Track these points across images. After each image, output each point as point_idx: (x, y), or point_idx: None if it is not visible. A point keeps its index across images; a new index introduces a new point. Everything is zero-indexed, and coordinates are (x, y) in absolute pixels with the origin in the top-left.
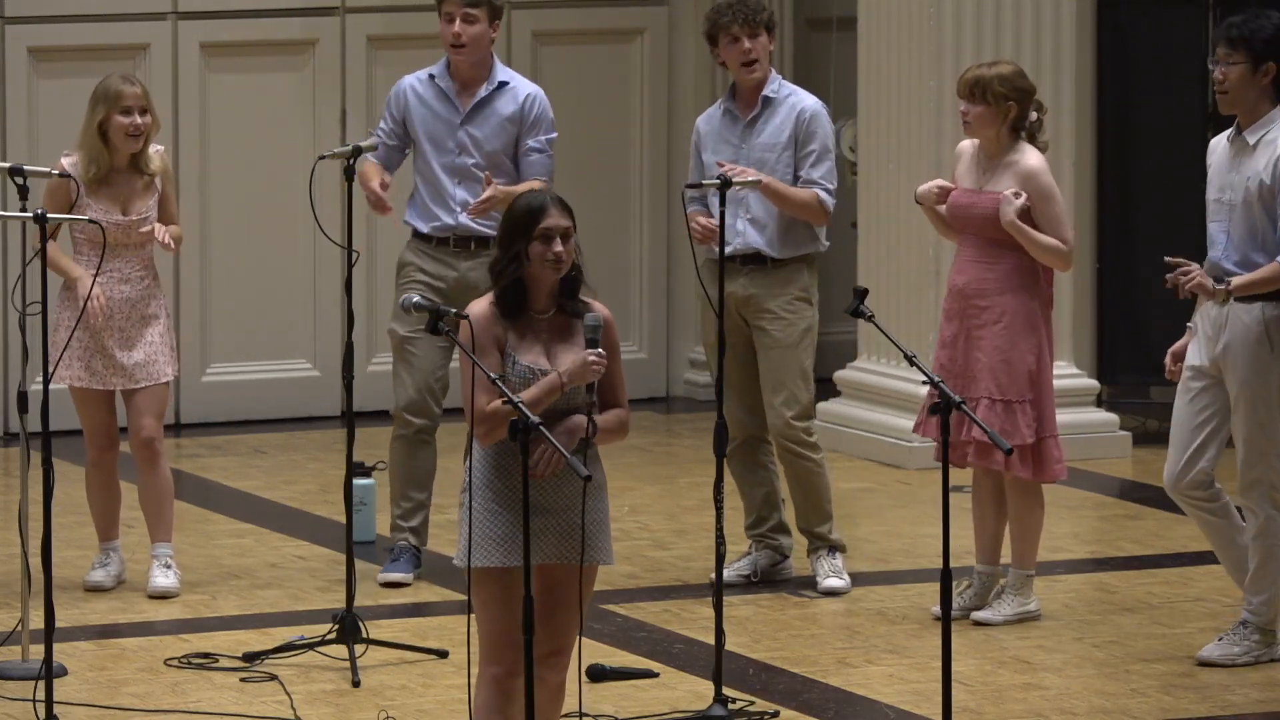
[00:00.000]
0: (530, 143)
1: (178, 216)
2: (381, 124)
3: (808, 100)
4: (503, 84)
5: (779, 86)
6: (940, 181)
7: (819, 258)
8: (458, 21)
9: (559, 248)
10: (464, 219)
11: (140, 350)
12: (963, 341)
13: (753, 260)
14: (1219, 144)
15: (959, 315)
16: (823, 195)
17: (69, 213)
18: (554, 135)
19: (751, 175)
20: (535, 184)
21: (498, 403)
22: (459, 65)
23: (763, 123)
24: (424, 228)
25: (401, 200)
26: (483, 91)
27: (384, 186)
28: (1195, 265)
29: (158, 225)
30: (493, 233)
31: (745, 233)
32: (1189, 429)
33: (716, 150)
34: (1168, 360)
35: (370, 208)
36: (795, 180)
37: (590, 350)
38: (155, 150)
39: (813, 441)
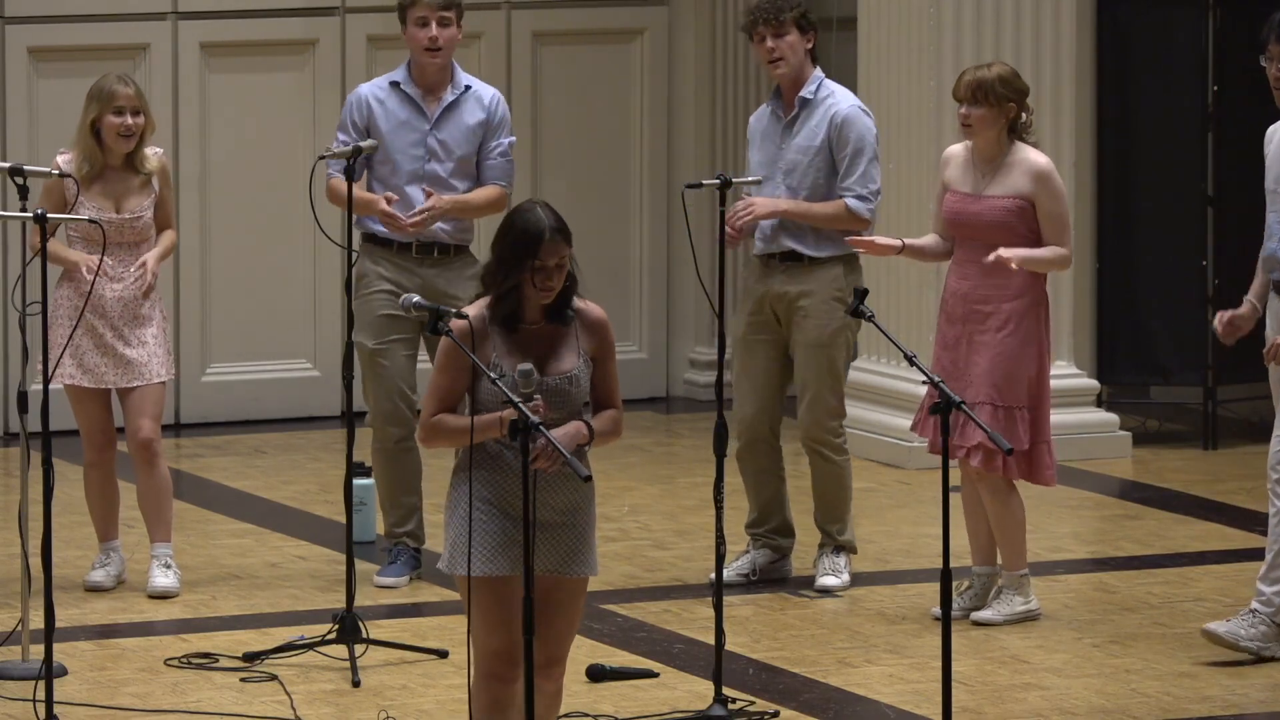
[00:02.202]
0: (493, 145)
1: (174, 220)
2: (341, 136)
3: (843, 104)
4: (467, 88)
5: (818, 88)
6: (888, 241)
7: (856, 257)
8: (434, 25)
9: (553, 281)
10: (434, 227)
11: (135, 349)
12: (964, 345)
13: (790, 257)
14: (1276, 133)
15: (962, 319)
16: (851, 202)
17: (65, 212)
18: (514, 139)
19: (759, 207)
20: (492, 190)
21: (443, 416)
22: (428, 70)
23: (799, 125)
24: (385, 232)
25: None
26: (449, 96)
27: (390, 201)
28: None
29: (148, 266)
30: (456, 242)
31: (779, 235)
32: None
33: (761, 149)
34: (1220, 320)
35: (388, 226)
36: (833, 184)
37: (526, 404)
38: (154, 151)
39: (839, 443)
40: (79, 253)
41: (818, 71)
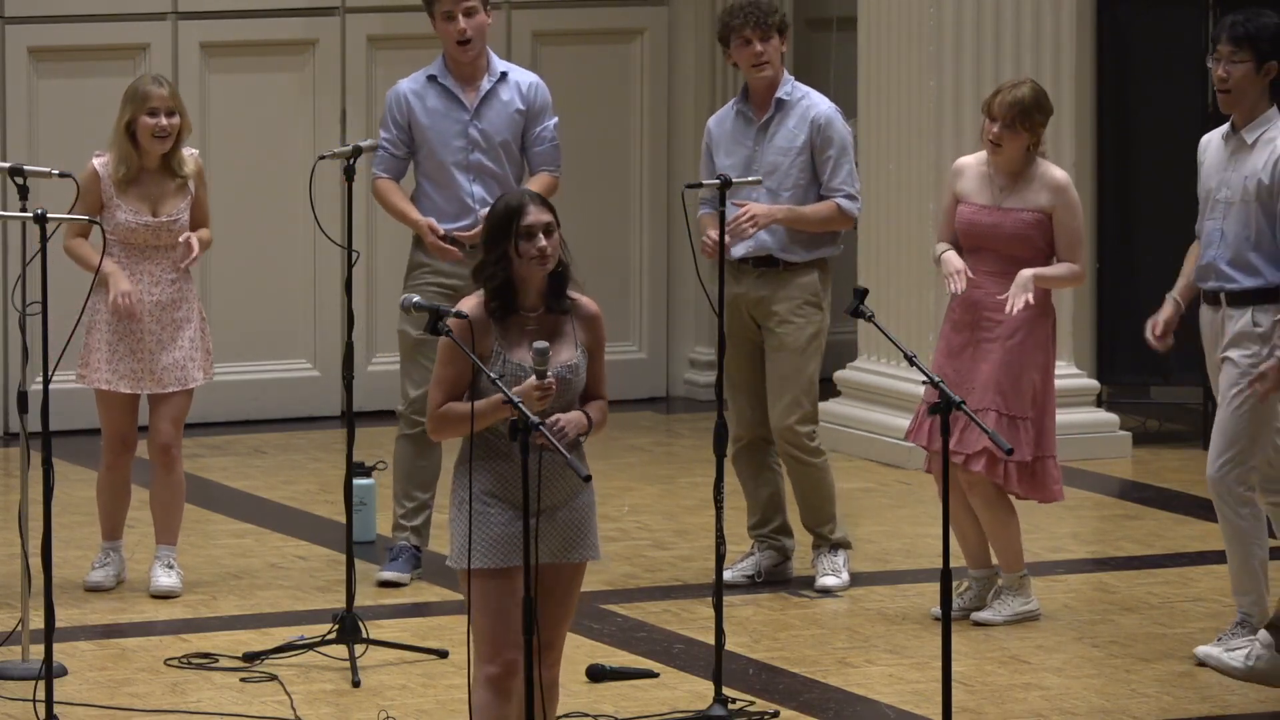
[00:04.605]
0: (538, 131)
1: (209, 220)
2: (384, 134)
3: (821, 105)
4: (503, 74)
5: (792, 89)
6: (960, 267)
7: (831, 261)
8: (460, 18)
9: (542, 242)
10: (483, 216)
11: (169, 354)
12: (970, 352)
13: (764, 262)
14: (1211, 141)
15: (971, 326)
16: (842, 203)
17: (100, 209)
18: (556, 119)
19: (761, 215)
20: (546, 179)
21: (450, 405)
22: (462, 62)
23: (776, 125)
24: (439, 229)
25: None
26: (486, 85)
27: (435, 232)
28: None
29: (190, 236)
30: None
31: (757, 235)
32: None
33: (730, 152)
34: (1150, 328)
35: (437, 254)
36: (813, 185)
37: (535, 381)
38: (190, 153)
39: (814, 446)
40: (114, 268)
41: (786, 73)
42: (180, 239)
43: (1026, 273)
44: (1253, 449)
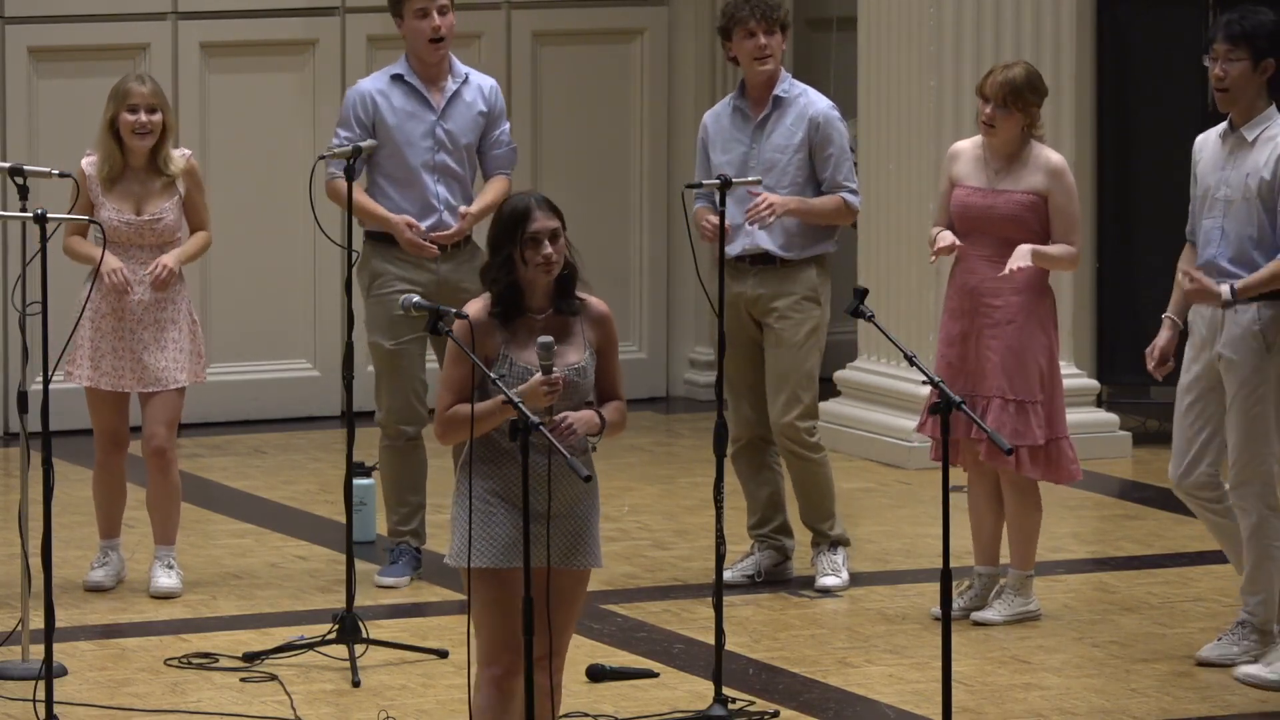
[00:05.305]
0: (497, 134)
1: (208, 222)
2: (343, 132)
3: (820, 103)
4: (466, 76)
5: (790, 86)
6: (950, 238)
7: (829, 257)
8: (435, 15)
9: (548, 250)
10: (447, 217)
11: (153, 354)
12: (973, 340)
13: (762, 260)
14: (1208, 140)
15: (969, 313)
16: (848, 198)
17: (90, 208)
18: (508, 123)
19: (778, 204)
20: (503, 182)
21: (458, 407)
22: (431, 61)
23: (774, 123)
24: (417, 224)
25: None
26: (451, 86)
27: (411, 226)
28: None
29: (161, 263)
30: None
31: (754, 233)
32: (1189, 433)
33: (726, 149)
34: (1150, 357)
35: (412, 250)
36: (810, 183)
37: (542, 377)
38: (181, 154)
39: (814, 441)
40: (96, 249)
41: (784, 70)
42: (149, 270)
43: (1025, 247)
44: (1268, 448)
